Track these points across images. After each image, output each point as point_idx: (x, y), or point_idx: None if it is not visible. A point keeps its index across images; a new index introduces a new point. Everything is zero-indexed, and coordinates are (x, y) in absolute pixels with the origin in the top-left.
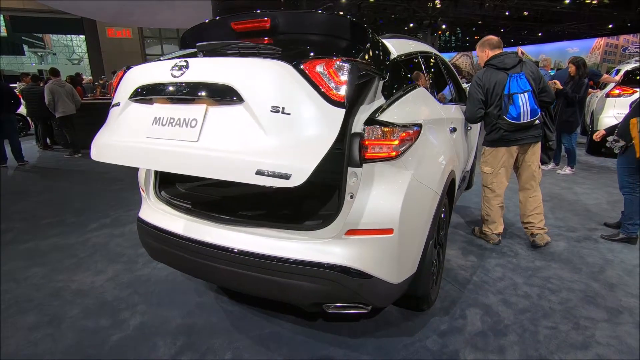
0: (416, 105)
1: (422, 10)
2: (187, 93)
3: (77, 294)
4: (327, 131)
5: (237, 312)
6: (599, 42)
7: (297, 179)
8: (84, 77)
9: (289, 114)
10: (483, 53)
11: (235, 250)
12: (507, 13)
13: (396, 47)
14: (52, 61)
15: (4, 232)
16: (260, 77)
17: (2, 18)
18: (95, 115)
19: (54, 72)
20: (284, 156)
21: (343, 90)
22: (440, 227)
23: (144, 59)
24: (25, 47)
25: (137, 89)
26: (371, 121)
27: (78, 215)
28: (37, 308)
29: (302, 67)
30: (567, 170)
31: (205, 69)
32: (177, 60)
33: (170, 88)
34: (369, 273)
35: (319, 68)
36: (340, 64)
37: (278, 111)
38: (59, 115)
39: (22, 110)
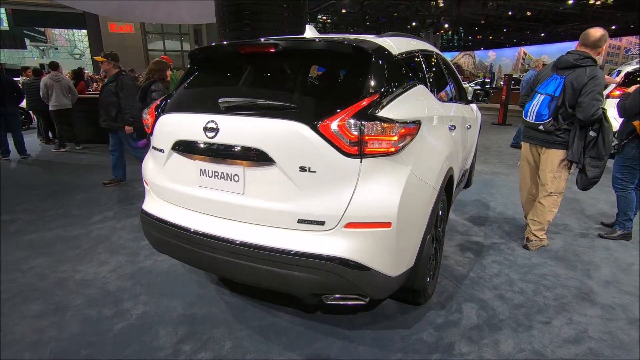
0: (415, 103)
1: (424, 9)
2: (223, 155)
3: (80, 284)
4: (348, 180)
5: (237, 303)
6: None
7: (330, 224)
8: (86, 71)
9: (315, 171)
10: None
11: (237, 242)
12: (510, 13)
13: (397, 45)
14: (53, 55)
15: (8, 223)
16: (285, 140)
17: (4, 11)
18: (96, 110)
19: (53, 66)
20: (317, 207)
21: (356, 145)
22: (438, 223)
23: (146, 54)
24: (27, 41)
25: (176, 142)
26: (371, 117)
27: (81, 208)
28: (42, 297)
29: (319, 127)
30: None
31: (235, 131)
32: (207, 119)
33: (208, 148)
34: (367, 265)
35: (334, 126)
36: (350, 121)
37: (305, 170)
38: (51, 109)
39: (23, 103)
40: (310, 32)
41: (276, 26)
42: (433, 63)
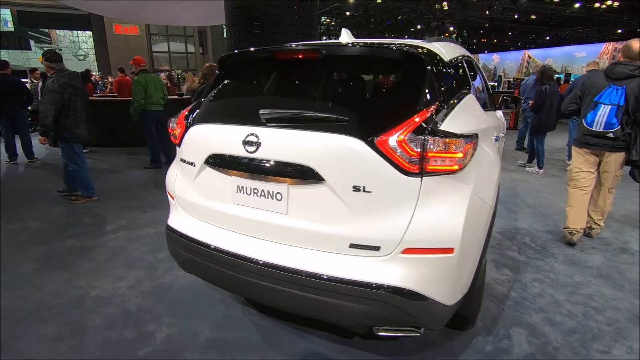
0: (470, 114)
1: (429, 12)
2: (265, 171)
3: (98, 302)
4: (407, 202)
5: (267, 325)
6: (607, 47)
7: (387, 250)
8: (93, 73)
9: (370, 191)
10: (619, 55)
11: (279, 266)
12: (515, 16)
13: (446, 50)
14: None
15: (19, 232)
16: (337, 156)
17: (9, 12)
18: (103, 114)
19: None
20: (372, 230)
21: (417, 162)
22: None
23: (151, 55)
24: (32, 42)
25: (210, 155)
26: (433, 131)
27: (92, 216)
28: (58, 317)
29: (375, 143)
30: None
31: (279, 146)
32: (247, 132)
33: (247, 164)
34: (425, 295)
35: (392, 142)
36: (410, 136)
37: (359, 190)
38: None
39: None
40: (346, 36)
41: (286, 29)
42: (473, 69)
